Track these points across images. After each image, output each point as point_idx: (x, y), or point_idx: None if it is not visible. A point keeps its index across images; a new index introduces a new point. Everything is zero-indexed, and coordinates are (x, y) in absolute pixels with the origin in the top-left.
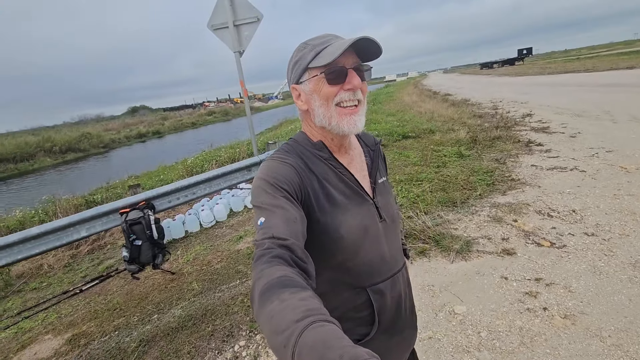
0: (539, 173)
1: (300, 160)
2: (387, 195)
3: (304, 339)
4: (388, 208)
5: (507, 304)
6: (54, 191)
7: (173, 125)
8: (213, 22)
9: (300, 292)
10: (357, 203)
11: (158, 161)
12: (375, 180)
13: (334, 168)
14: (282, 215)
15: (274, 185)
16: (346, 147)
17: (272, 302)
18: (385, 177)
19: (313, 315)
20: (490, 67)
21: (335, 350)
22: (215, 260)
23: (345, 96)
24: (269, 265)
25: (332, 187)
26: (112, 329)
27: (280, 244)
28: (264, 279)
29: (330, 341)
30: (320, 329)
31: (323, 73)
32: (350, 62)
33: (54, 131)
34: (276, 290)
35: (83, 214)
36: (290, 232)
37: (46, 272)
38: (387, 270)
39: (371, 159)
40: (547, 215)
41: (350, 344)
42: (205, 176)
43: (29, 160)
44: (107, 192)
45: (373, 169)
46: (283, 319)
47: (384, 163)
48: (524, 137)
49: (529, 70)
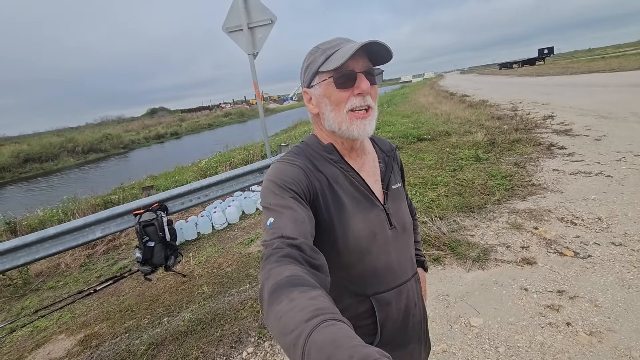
0: (562, 178)
1: (309, 162)
2: (400, 202)
3: (314, 339)
4: (400, 215)
5: (527, 318)
6: (76, 190)
7: (190, 126)
8: (227, 24)
9: (309, 291)
10: (365, 207)
11: (175, 162)
12: (389, 186)
13: (344, 171)
14: (290, 215)
15: (281, 186)
16: (357, 151)
17: (280, 302)
18: (400, 184)
19: (323, 315)
20: (510, 67)
21: (345, 350)
22: (226, 263)
23: (356, 102)
24: (278, 265)
25: (341, 189)
26: (123, 331)
27: (290, 243)
28: (273, 278)
29: (340, 340)
30: (330, 328)
31: (332, 77)
32: (360, 66)
33: (77, 132)
34: (285, 290)
35: (98, 215)
36: (299, 231)
37: (63, 271)
38: (393, 280)
39: (385, 164)
40: (570, 223)
41: (361, 344)
42: (218, 178)
43: (53, 160)
44: (124, 193)
45: (387, 174)
46: (292, 319)
47: (401, 170)
48: (545, 139)
49: (550, 70)
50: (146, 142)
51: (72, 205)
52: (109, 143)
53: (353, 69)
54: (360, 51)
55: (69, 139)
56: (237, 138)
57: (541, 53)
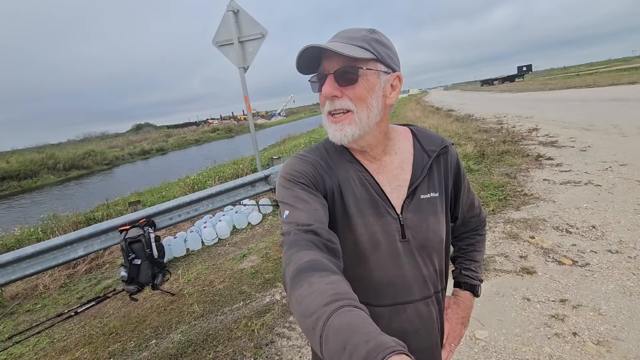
0: (552, 187)
1: (321, 158)
2: (427, 215)
3: (332, 323)
4: (422, 229)
5: (532, 329)
6: (57, 207)
7: (177, 142)
8: (218, 38)
9: (329, 276)
10: (374, 214)
11: (161, 178)
12: (415, 193)
13: (358, 171)
14: (303, 206)
15: (291, 180)
16: (374, 153)
17: (301, 286)
18: (436, 193)
19: (341, 300)
20: (491, 83)
21: (361, 336)
22: (218, 280)
23: (328, 106)
24: (298, 250)
25: (350, 189)
26: (107, 356)
27: (306, 229)
28: (293, 264)
29: (356, 326)
30: (348, 314)
31: (309, 80)
32: (335, 65)
33: (58, 149)
34: (305, 275)
35: (81, 232)
36: (313, 218)
37: (41, 293)
38: (391, 296)
39: (422, 168)
40: (565, 232)
41: (377, 330)
42: (208, 192)
43: (32, 177)
44: (108, 209)
45: (417, 180)
46: (311, 303)
47: (454, 174)
48: (532, 151)
49: (530, 86)
50: (131, 159)
51: (52, 223)
52: (92, 159)
53: (324, 69)
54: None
55: (49, 155)
56: (226, 153)
57: (520, 70)
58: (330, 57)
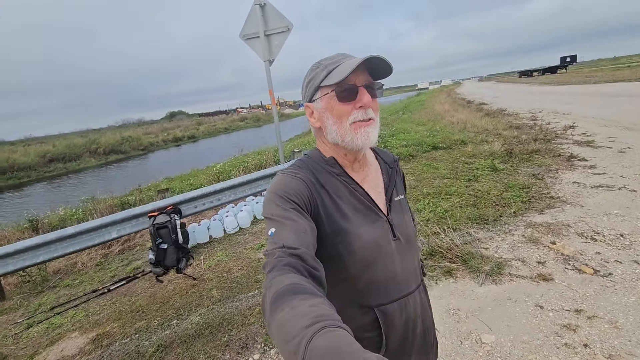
0: (582, 191)
1: (311, 175)
2: (403, 214)
3: (314, 344)
4: (403, 227)
5: (541, 337)
6: (96, 190)
7: (207, 130)
8: (245, 32)
9: (310, 299)
10: (369, 220)
11: (191, 164)
12: (392, 197)
13: (346, 184)
14: (292, 226)
15: (283, 197)
16: (360, 162)
17: (282, 310)
18: (402, 196)
19: (323, 321)
20: (530, 75)
21: (345, 356)
22: (236, 267)
23: (358, 115)
24: (280, 273)
25: (344, 202)
26: (134, 332)
27: (291, 253)
28: (274, 287)
29: (340, 346)
30: (330, 334)
31: (334, 91)
32: (362, 80)
33: (99, 134)
34: (286, 298)
35: (114, 216)
36: (300, 241)
37: (79, 270)
38: (397, 292)
39: (388, 176)
40: (590, 239)
41: (361, 349)
42: (231, 183)
43: (76, 160)
44: (141, 194)
45: (390, 186)
46: (293, 326)
47: (403, 181)
48: (565, 151)
49: (573, 78)
50: (164, 145)
51: (91, 206)
52: (129, 145)
53: (354, 82)
54: (361, 66)
55: (91, 140)
56: (253, 142)
57: (563, 61)
58: (362, 71)
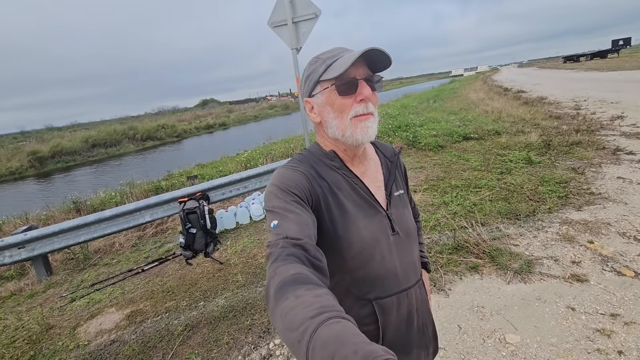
0: (627, 187)
1: (312, 168)
2: (402, 209)
3: (319, 334)
4: (403, 221)
5: (571, 340)
6: (133, 175)
7: (237, 117)
8: (273, 19)
9: (315, 289)
10: (369, 214)
11: (222, 152)
12: (391, 192)
13: (347, 177)
14: (294, 218)
15: (285, 190)
16: (360, 157)
17: (286, 299)
18: (402, 190)
19: (329, 312)
20: (576, 60)
21: (350, 347)
22: (261, 254)
23: (359, 109)
24: (284, 263)
25: (344, 195)
26: (164, 311)
27: (294, 243)
28: (278, 276)
29: (344, 337)
30: (335, 325)
31: (334, 85)
32: (361, 73)
33: (137, 120)
34: (290, 287)
35: (148, 201)
36: (303, 233)
37: (117, 250)
38: (395, 286)
39: (388, 170)
40: (633, 239)
41: (366, 341)
42: (257, 171)
43: (116, 146)
44: (173, 180)
45: (389, 181)
46: (297, 316)
47: (404, 175)
48: (610, 143)
49: (626, 64)
50: (197, 132)
51: (128, 190)
52: (164, 132)
53: (354, 76)
54: (360, 59)
55: (130, 127)
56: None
57: (615, 44)
58: (361, 64)
